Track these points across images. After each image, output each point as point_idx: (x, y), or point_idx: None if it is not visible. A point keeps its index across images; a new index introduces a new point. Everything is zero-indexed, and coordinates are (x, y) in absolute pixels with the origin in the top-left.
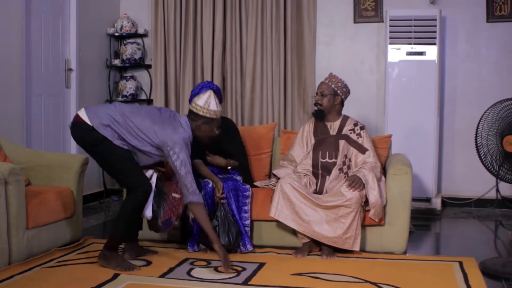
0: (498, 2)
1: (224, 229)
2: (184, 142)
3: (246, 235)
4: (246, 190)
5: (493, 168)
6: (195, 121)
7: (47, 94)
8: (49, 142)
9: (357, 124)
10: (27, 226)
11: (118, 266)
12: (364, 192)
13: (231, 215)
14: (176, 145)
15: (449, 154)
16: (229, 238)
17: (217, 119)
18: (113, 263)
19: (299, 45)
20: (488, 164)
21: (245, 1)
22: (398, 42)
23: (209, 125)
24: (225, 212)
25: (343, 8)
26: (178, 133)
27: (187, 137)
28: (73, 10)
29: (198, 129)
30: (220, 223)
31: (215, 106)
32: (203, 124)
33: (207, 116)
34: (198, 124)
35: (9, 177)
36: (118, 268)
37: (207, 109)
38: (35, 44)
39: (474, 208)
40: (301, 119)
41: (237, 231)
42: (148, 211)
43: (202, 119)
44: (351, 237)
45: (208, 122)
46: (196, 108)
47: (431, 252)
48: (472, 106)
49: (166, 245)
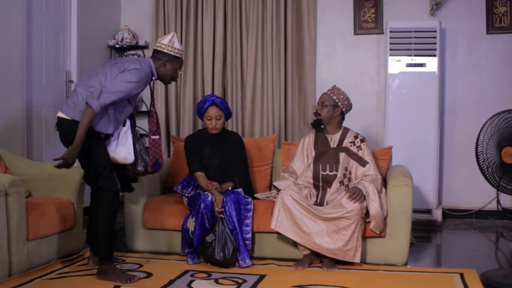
0: (498, 13)
1: (220, 243)
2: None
3: (246, 249)
4: (248, 204)
5: (494, 180)
6: (160, 60)
7: (48, 106)
8: (50, 154)
9: (357, 137)
10: (27, 237)
11: (118, 278)
12: (364, 204)
13: (230, 230)
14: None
15: (449, 165)
16: (225, 253)
17: (181, 58)
18: (113, 275)
19: (299, 56)
20: (490, 176)
21: (245, 13)
22: (398, 54)
23: (173, 63)
24: (223, 227)
25: (343, 19)
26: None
27: (147, 68)
28: (74, 22)
29: (163, 67)
30: (217, 237)
31: (178, 45)
32: (168, 62)
33: (171, 53)
34: (162, 62)
35: (10, 189)
36: (118, 280)
37: (171, 46)
38: (36, 56)
39: (475, 219)
40: (301, 130)
41: (234, 247)
42: (130, 155)
43: (167, 57)
44: (352, 249)
45: (172, 61)
46: (160, 47)
47: (432, 264)
48: (473, 118)
49: (166, 257)
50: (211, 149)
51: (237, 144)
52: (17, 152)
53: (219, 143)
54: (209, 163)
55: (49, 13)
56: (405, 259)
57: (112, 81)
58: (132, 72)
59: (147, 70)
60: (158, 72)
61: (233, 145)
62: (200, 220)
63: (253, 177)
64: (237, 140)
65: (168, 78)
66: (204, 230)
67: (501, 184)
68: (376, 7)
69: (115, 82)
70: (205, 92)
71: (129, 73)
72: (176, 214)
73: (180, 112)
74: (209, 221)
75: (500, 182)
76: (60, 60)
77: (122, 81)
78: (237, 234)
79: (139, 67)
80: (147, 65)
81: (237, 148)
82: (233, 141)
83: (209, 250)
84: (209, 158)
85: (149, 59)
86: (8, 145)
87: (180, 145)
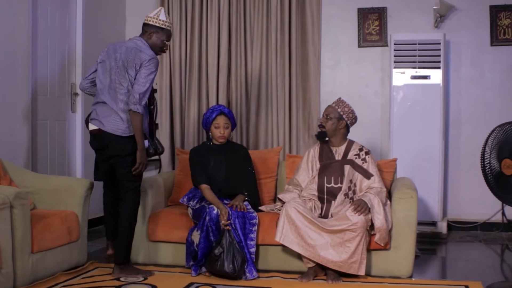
0: (502, 25)
1: (229, 256)
2: (153, 57)
3: (252, 262)
4: (253, 218)
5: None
6: (146, 32)
7: (53, 119)
8: (55, 166)
9: (362, 149)
10: (32, 250)
11: (137, 273)
12: (369, 217)
13: (237, 242)
14: (147, 61)
15: (454, 177)
16: (234, 265)
17: (166, 29)
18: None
19: (304, 69)
20: (495, 188)
21: (250, 26)
22: (403, 66)
23: (158, 34)
24: (230, 239)
25: (348, 32)
26: (140, 48)
27: (149, 51)
28: (79, 34)
29: (149, 39)
30: (225, 250)
31: (164, 17)
32: (154, 33)
33: (156, 24)
34: (148, 33)
35: (15, 201)
36: (139, 274)
37: (156, 18)
38: (41, 68)
39: (480, 231)
40: (306, 143)
41: (242, 258)
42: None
43: (153, 28)
44: (357, 262)
45: (157, 32)
46: (146, 19)
47: (437, 276)
48: (477, 130)
49: (170, 270)
50: (216, 160)
51: (244, 157)
52: (22, 165)
53: (225, 153)
54: (215, 174)
55: (54, 25)
56: (410, 272)
57: (138, 82)
58: (147, 66)
59: (151, 52)
60: (147, 42)
61: (240, 157)
62: (205, 233)
63: (258, 189)
64: (244, 154)
65: (156, 49)
66: (209, 243)
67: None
68: (380, 19)
69: (141, 82)
70: (210, 105)
71: (146, 67)
72: (181, 227)
73: (185, 125)
74: (214, 234)
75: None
76: (65, 73)
77: (145, 76)
78: (243, 247)
79: (149, 56)
80: (146, 47)
81: (245, 161)
82: (241, 154)
83: (218, 263)
84: (214, 169)
85: (140, 39)
86: (13, 157)
87: (185, 158)
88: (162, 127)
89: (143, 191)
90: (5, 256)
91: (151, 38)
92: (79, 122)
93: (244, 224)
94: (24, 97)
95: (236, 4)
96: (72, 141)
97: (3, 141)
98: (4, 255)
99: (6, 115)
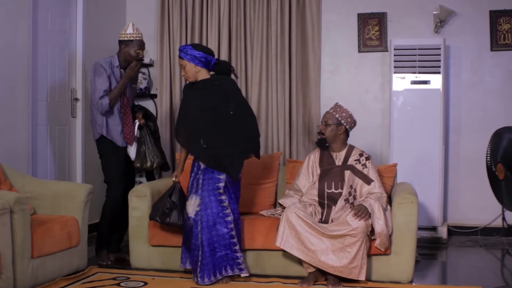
0: (502, 30)
1: (177, 211)
2: (95, 65)
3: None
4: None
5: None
6: (120, 48)
7: (53, 124)
8: (55, 171)
9: (362, 155)
10: (32, 255)
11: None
12: (370, 222)
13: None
14: (92, 69)
15: (454, 182)
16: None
17: (136, 40)
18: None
19: (304, 74)
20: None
21: (250, 31)
22: (403, 71)
23: (129, 47)
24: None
25: (348, 37)
26: (99, 60)
27: (101, 62)
28: (79, 40)
29: (123, 54)
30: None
31: (131, 30)
32: (125, 47)
33: (126, 39)
34: (120, 48)
35: (15, 206)
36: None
37: (124, 33)
38: (41, 74)
39: (480, 236)
40: (306, 148)
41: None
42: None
43: (123, 43)
44: (357, 267)
45: (128, 44)
46: (119, 37)
47: (437, 281)
48: (477, 135)
49: (171, 275)
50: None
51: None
52: (22, 170)
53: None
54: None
55: (55, 31)
56: (411, 277)
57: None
58: (93, 74)
59: (100, 62)
60: (120, 58)
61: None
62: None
63: (257, 194)
64: (226, 87)
65: (131, 59)
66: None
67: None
68: (380, 24)
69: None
70: None
71: (92, 77)
72: (180, 231)
73: None
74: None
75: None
76: (65, 78)
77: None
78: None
79: (94, 64)
80: (102, 60)
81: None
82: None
83: (168, 218)
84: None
85: (114, 56)
86: (13, 162)
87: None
88: (162, 132)
89: (143, 196)
90: (5, 261)
91: (124, 53)
92: (79, 127)
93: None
94: (25, 102)
95: (236, 10)
96: (73, 146)
97: (4, 146)
98: (4, 260)
99: (7, 120)
